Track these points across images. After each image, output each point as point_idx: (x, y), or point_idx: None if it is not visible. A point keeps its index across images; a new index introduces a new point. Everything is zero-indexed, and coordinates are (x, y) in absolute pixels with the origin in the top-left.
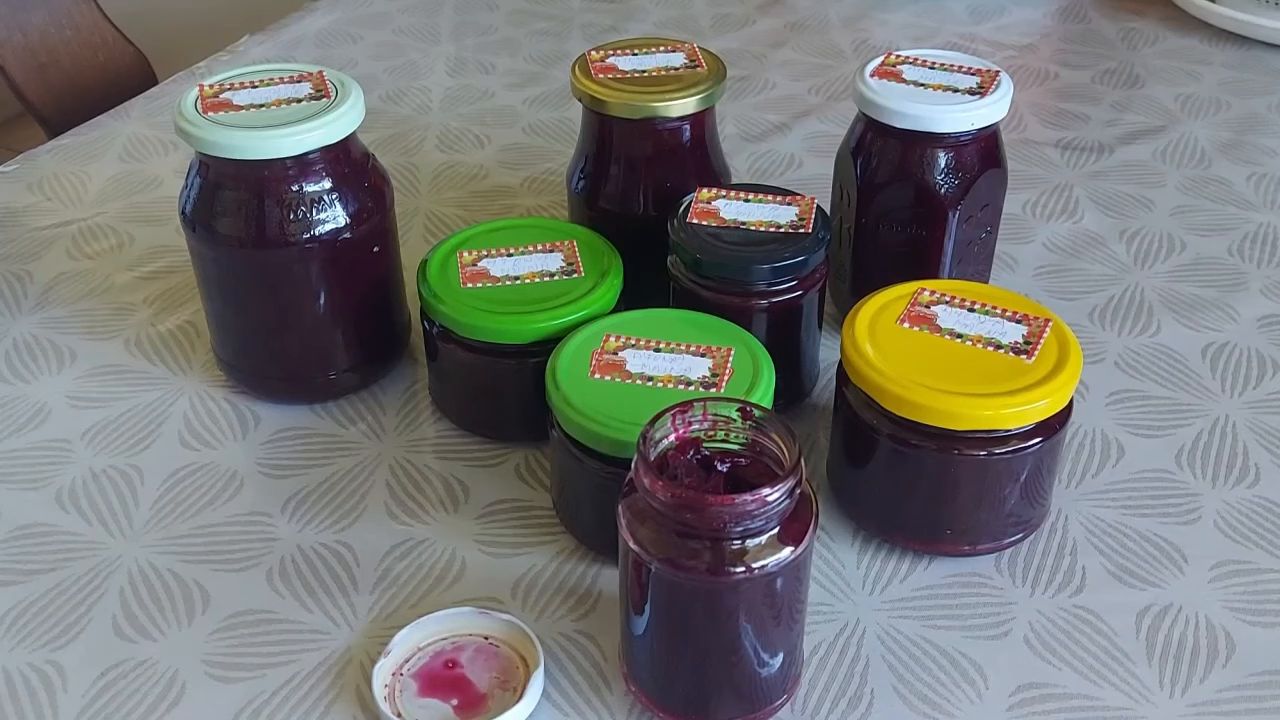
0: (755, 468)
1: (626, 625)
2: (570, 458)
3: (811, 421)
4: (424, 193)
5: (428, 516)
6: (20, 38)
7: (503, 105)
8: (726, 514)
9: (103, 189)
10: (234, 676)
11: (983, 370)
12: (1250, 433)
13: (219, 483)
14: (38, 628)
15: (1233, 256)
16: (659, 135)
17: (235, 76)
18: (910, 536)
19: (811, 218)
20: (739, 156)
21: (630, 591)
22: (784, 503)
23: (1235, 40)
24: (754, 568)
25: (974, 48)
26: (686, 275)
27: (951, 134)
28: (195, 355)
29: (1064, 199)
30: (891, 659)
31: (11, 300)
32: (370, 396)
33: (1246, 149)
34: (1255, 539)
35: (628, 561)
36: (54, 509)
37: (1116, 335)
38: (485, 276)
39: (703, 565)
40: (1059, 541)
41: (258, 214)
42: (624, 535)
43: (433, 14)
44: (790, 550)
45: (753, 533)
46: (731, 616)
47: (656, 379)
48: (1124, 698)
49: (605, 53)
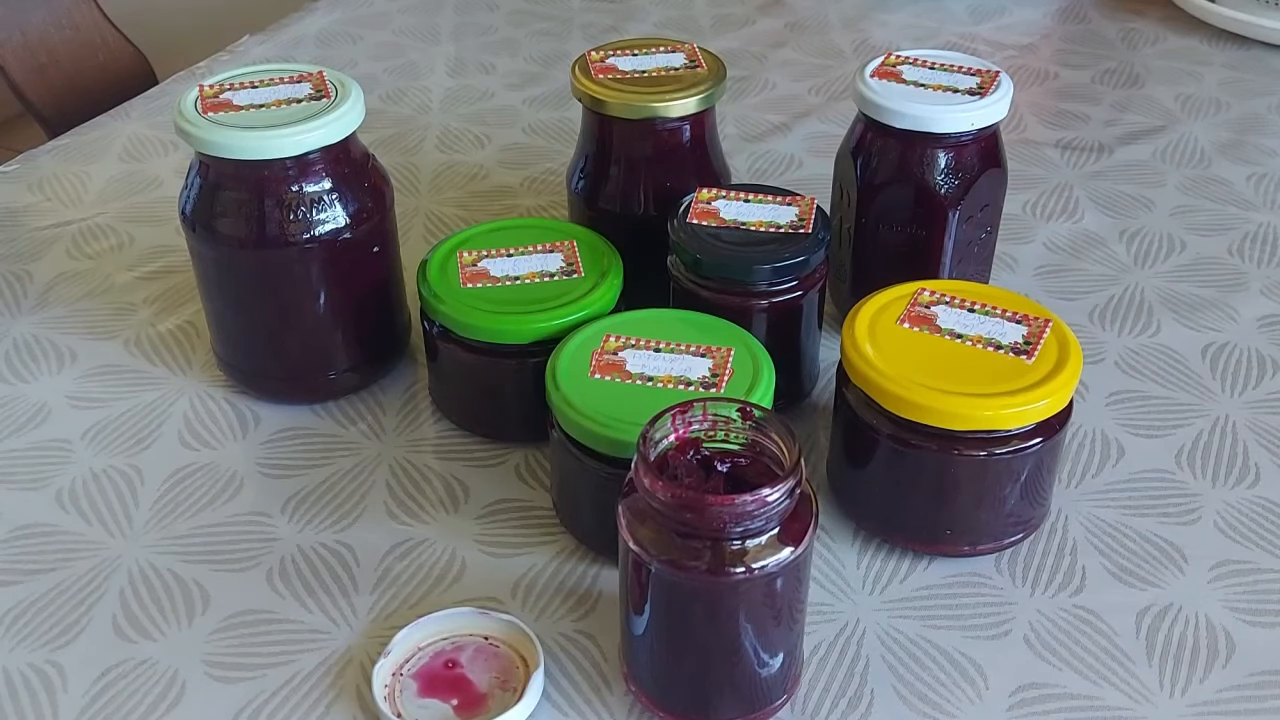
0: (755, 468)
1: (626, 625)
2: (570, 458)
3: (811, 421)
4: (424, 193)
5: (428, 516)
6: (20, 38)
7: (503, 105)
8: (726, 514)
9: (103, 189)
10: (234, 676)
11: (983, 370)
12: (1250, 433)
13: (219, 483)
14: (38, 628)
15: (1233, 256)
16: (659, 135)
17: (235, 76)
18: (910, 536)
19: (811, 218)
20: (739, 156)
21: (630, 591)
22: (784, 503)
23: (1235, 40)
24: (754, 568)
25: (974, 48)
26: (686, 275)
27: (951, 134)
28: (195, 355)
29: (1064, 199)
30: (891, 659)
31: (11, 300)
32: (370, 396)
33: (1246, 149)
34: (1255, 539)
35: (628, 561)
36: (54, 509)
37: (1116, 335)
38: (485, 276)
39: (703, 565)
40: (1059, 541)
41: (258, 214)
42: (624, 535)
43: (433, 14)
44: (790, 550)
45: (753, 533)
46: (731, 617)
47: (656, 379)
48: (1124, 698)
49: (605, 53)
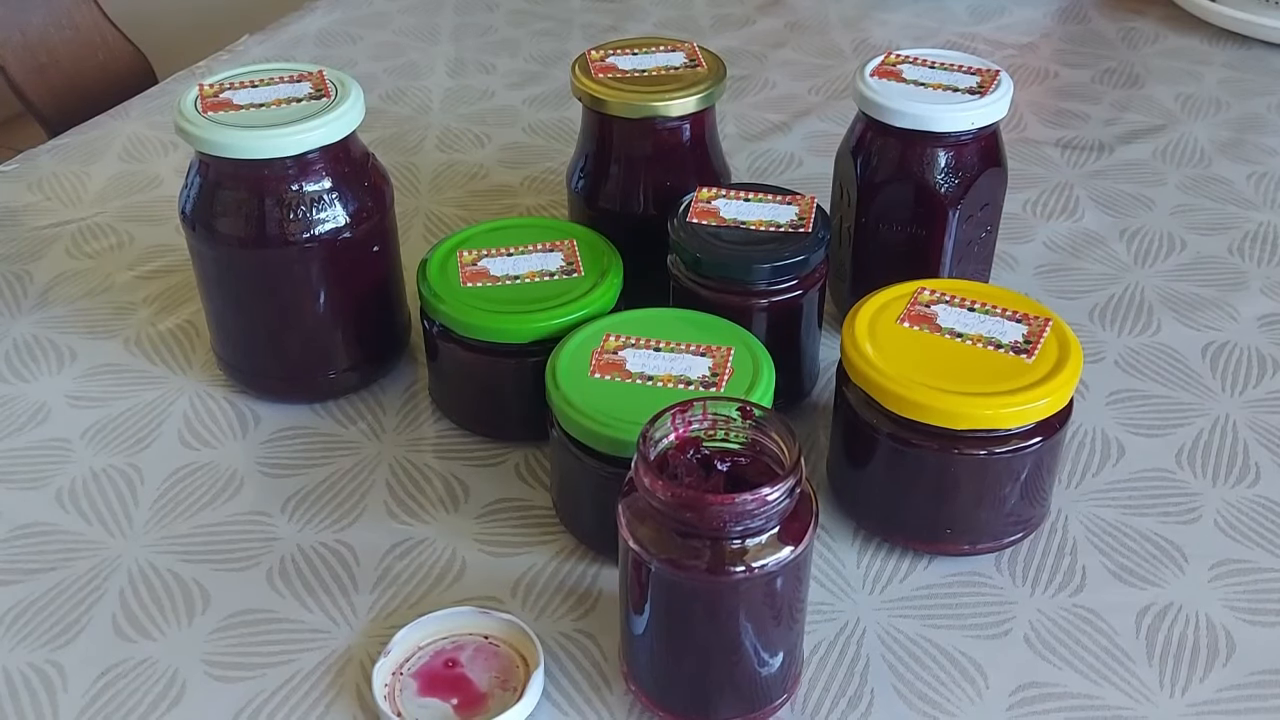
0: (755, 467)
1: (626, 625)
2: (570, 457)
3: (811, 421)
4: (424, 193)
5: (428, 516)
6: (20, 38)
7: (503, 105)
8: (726, 513)
9: (103, 189)
10: (234, 676)
11: (983, 370)
12: (1250, 432)
13: (219, 482)
14: (38, 628)
15: (1233, 256)
16: (659, 135)
17: (235, 76)
18: (910, 536)
19: (811, 217)
20: (739, 156)
21: (630, 591)
22: (784, 502)
23: (1235, 40)
24: (754, 567)
25: (974, 47)
26: (686, 275)
27: (951, 133)
28: (195, 355)
29: (1064, 198)
30: (891, 658)
31: (11, 300)
32: (370, 396)
33: (1246, 148)
34: (1255, 539)
35: (628, 561)
36: (54, 509)
37: (1116, 335)
38: (485, 276)
39: (703, 565)
40: (1059, 541)
41: (258, 214)
42: (624, 535)
43: (433, 14)
44: (790, 550)
45: (752, 532)
46: (732, 616)
47: (656, 378)
48: (1124, 697)
49: (605, 52)
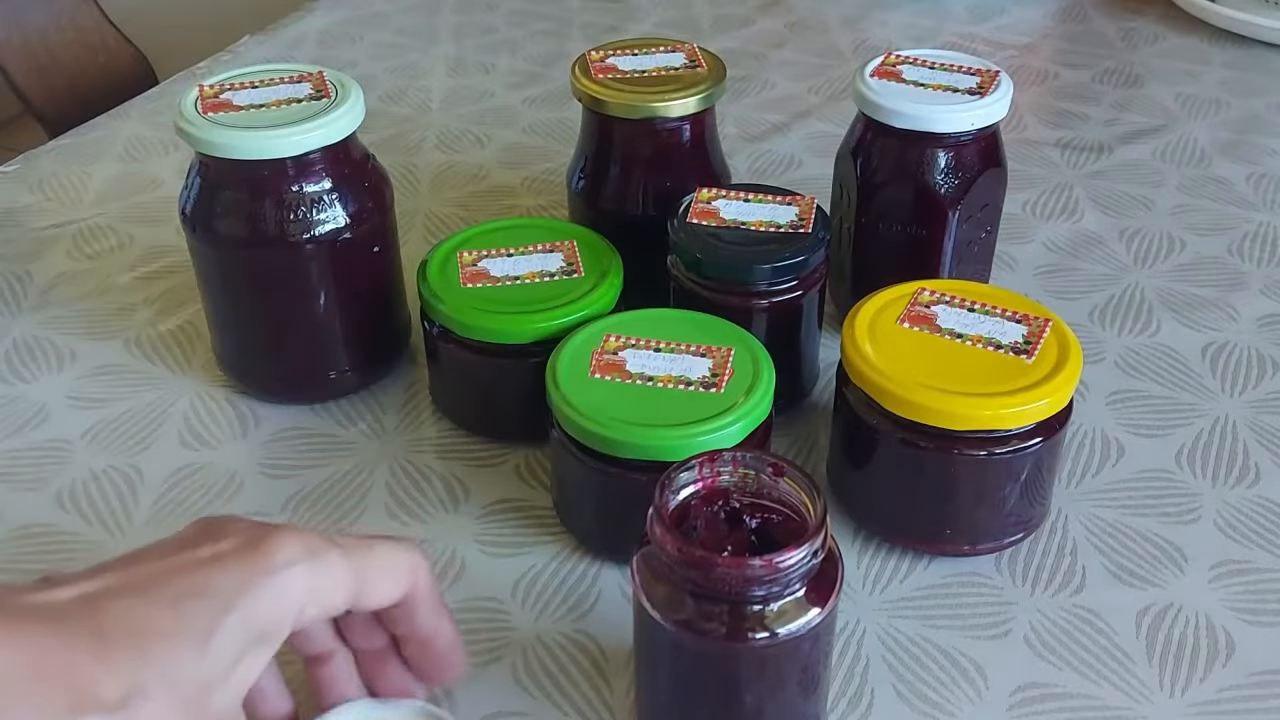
0: (787, 525)
1: (639, 684)
2: (570, 458)
3: (811, 421)
4: (424, 193)
5: (428, 516)
6: (20, 38)
7: (503, 105)
8: (734, 577)
9: (103, 189)
10: None
11: (983, 370)
12: (1250, 432)
13: (219, 483)
14: None
15: (1233, 256)
16: (659, 135)
17: (235, 77)
18: (910, 536)
19: (811, 218)
20: (739, 156)
21: (645, 651)
22: (807, 564)
23: (1235, 40)
24: (777, 632)
25: (974, 48)
26: (686, 275)
27: (951, 134)
28: (195, 355)
29: (1064, 199)
30: (891, 659)
31: (11, 300)
32: (370, 396)
33: (1246, 149)
34: (1255, 539)
35: (643, 618)
36: (54, 509)
37: (1116, 335)
38: (485, 276)
39: (720, 629)
40: (1059, 541)
41: (258, 214)
42: (637, 593)
43: (433, 14)
44: (817, 612)
45: (775, 596)
46: (751, 684)
47: (656, 379)
48: (1124, 697)
49: (605, 53)
